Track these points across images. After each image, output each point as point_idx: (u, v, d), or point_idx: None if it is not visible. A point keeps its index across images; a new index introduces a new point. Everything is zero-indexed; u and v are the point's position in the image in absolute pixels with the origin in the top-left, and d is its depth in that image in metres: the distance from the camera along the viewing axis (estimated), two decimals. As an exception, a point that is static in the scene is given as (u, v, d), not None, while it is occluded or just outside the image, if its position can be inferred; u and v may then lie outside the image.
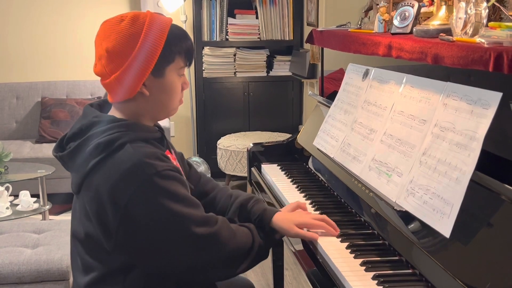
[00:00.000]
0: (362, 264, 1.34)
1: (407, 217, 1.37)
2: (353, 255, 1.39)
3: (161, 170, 1.24)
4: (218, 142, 4.36)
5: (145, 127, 1.34)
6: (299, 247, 1.55)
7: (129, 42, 1.27)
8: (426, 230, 1.29)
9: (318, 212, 1.68)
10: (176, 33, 1.33)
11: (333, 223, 1.53)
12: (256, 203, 1.51)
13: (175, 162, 1.45)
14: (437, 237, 1.24)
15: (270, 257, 2.45)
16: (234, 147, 4.19)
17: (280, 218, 1.47)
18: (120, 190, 1.22)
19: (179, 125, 4.80)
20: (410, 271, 1.31)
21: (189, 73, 4.49)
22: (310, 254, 1.48)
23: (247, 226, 1.42)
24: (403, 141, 1.48)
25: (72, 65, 4.65)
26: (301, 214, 1.53)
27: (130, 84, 1.29)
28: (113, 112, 1.36)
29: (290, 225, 1.46)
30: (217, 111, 4.63)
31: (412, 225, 1.36)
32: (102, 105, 1.42)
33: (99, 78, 1.34)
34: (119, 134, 1.27)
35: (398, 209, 1.39)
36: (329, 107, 2.03)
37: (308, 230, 1.50)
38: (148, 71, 1.28)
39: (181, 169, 1.41)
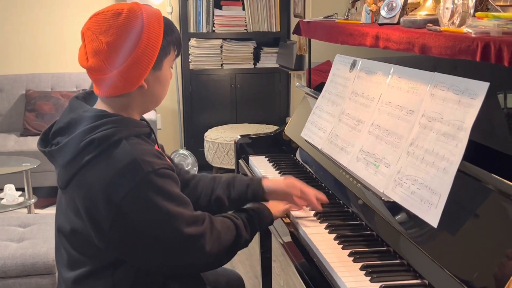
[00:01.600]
0: (350, 255, 1.34)
1: (394, 207, 1.37)
2: (341, 246, 1.40)
3: (157, 168, 1.24)
4: (205, 134, 4.35)
5: (137, 122, 1.33)
6: (287, 238, 1.55)
7: (132, 36, 1.26)
8: (413, 220, 1.29)
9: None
10: (167, 24, 1.33)
11: (322, 196, 1.62)
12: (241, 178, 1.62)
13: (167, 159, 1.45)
14: (424, 227, 1.24)
15: (258, 249, 2.45)
16: (221, 139, 4.18)
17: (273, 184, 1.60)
18: (115, 187, 1.21)
19: (165, 117, 4.78)
20: (398, 261, 1.31)
21: (175, 65, 4.46)
22: (298, 245, 1.49)
23: (234, 220, 1.42)
24: (390, 132, 1.48)
25: (56, 57, 4.60)
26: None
27: (134, 78, 1.28)
28: (101, 105, 1.34)
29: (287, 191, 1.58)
30: (204, 103, 4.61)
31: (399, 216, 1.36)
32: (87, 97, 1.40)
33: (84, 70, 1.31)
34: (114, 130, 1.26)
35: (385, 200, 1.40)
36: (316, 98, 2.02)
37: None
38: (151, 64, 1.28)
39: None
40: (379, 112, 1.58)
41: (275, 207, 1.55)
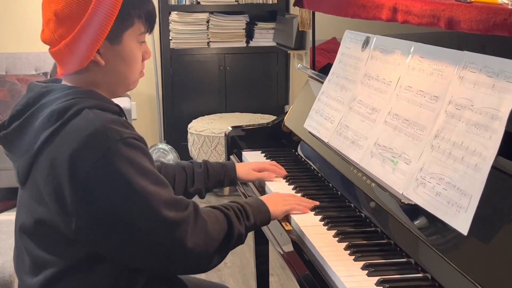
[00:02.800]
0: (363, 268, 1.34)
1: (416, 211, 1.37)
2: (352, 257, 1.40)
3: (126, 137, 1.26)
4: (189, 126, 4.34)
5: (102, 96, 1.37)
6: (288, 248, 1.55)
7: (81, 3, 1.31)
8: (439, 226, 1.29)
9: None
10: None
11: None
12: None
13: None
14: (452, 234, 1.24)
15: (252, 261, 2.45)
16: (208, 131, 4.17)
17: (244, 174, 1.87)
18: (80, 159, 1.24)
19: (142, 106, 4.76)
20: (420, 275, 1.31)
21: (153, 43, 4.44)
22: (302, 256, 1.49)
23: (224, 211, 1.43)
24: (411, 122, 1.48)
25: (12, 34, 4.56)
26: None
27: (83, 51, 1.32)
28: None
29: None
30: (188, 89, 4.60)
31: (422, 221, 1.36)
32: (48, 82, 1.44)
33: (45, 50, 1.37)
34: (74, 100, 1.30)
35: (406, 202, 1.40)
36: (322, 82, 2.02)
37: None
38: (102, 36, 1.32)
39: None
40: (397, 98, 1.58)
41: (273, 204, 1.58)
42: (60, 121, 1.28)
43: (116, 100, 1.44)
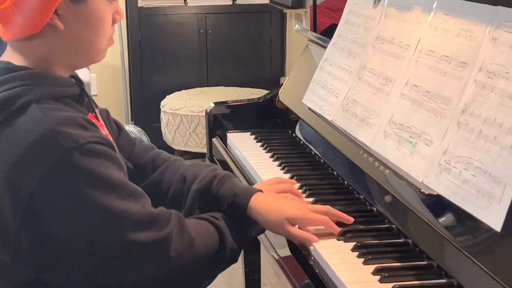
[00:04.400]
0: (375, 273, 1.35)
1: (439, 203, 1.38)
2: (362, 260, 1.41)
3: (84, 142, 1.23)
4: (162, 103, 4.34)
5: (58, 79, 1.33)
6: (285, 252, 1.56)
7: None
8: (467, 221, 1.30)
9: (311, 199, 1.69)
10: None
11: (343, 214, 1.54)
12: (222, 183, 1.51)
13: (104, 131, 1.44)
14: (483, 231, 1.25)
15: (241, 269, 2.46)
16: (186, 109, 4.17)
17: (264, 207, 1.47)
18: (23, 172, 1.22)
19: (103, 78, 4.75)
20: (444, 280, 1.32)
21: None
22: (301, 261, 1.49)
23: (214, 222, 1.42)
24: (433, 94, 1.49)
25: None
26: (294, 203, 1.54)
27: (35, 13, 1.27)
28: (10, 56, 1.35)
29: (279, 220, 1.46)
30: (160, 57, 4.59)
31: (446, 215, 1.37)
32: None
33: None
34: (20, 89, 1.26)
35: (426, 193, 1.40)
36: (325, 47, 2.03)
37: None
38: None
39: (112, 140, 1.40)
40: (416, 65, 1.58)
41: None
42: (0, 119, 1.25)
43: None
